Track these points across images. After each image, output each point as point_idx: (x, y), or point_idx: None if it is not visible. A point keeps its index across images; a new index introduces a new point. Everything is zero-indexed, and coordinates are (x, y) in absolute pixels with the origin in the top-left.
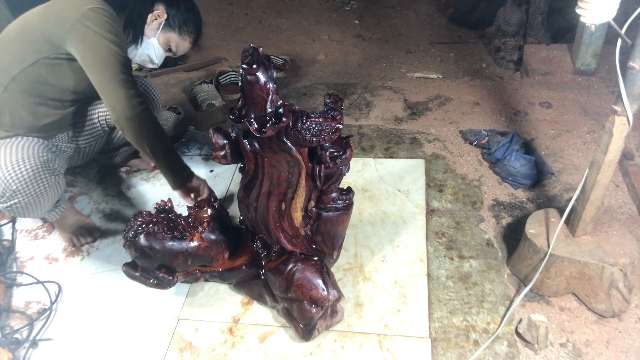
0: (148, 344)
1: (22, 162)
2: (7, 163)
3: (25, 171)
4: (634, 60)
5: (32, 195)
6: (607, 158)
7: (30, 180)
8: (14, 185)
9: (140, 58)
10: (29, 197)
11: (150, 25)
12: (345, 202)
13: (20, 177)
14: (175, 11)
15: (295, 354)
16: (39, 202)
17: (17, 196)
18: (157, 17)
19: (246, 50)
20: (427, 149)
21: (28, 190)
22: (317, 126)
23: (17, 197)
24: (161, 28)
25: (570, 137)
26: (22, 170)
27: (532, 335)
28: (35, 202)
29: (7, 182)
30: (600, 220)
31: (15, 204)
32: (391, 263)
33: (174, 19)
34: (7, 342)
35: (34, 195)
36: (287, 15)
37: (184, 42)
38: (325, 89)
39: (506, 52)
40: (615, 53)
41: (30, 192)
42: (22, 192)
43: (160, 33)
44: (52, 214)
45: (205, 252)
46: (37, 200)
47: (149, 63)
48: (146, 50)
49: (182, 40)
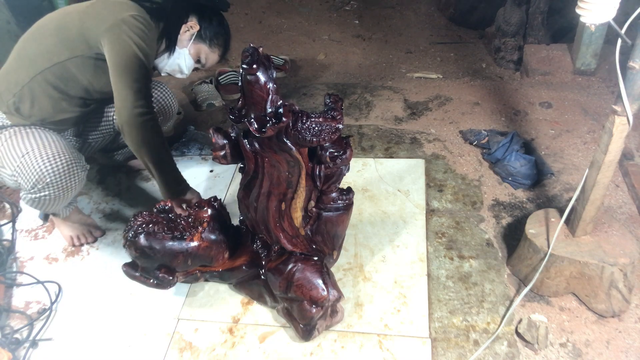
0: (148, 344)
1: (58, 156)
2: (43, 155)
3: (61, 165)
4: (634, 60)
5: (63, 189)
6: (607, 158)
7: (65, 174)
8: (49, 177)
9: (170, 67)
10: (59, 191)
11: (183, 35)
12: (345, 202)
13: (55, 170)
14: (207, 24)
15: (295, 354)
16: (65, 196)
17: (49, 188)
18: (190, 29)
19: (246, 50)
20: (427, 149)
21: (60, 184)
22: (317, 126)
23: (49, 190)
24: (193, 39)
25: (570, 137)
26: (57, 163)
27: (532, 335)
28: (63, 195)
29: (42, 174)
30: (600, 220)
31: (45, 196)
32: (391, 263)
33: (205, 31)
34: (7, 342)
35: (64, 189)
36: (287, 15)
37: (214, 54)
38: (325, 89)
39: (506, 52)
40: (615, 53)
41: (62, 185)
42: (54, 185)
43: (191, 44)
44: (66, 209)
45: (205, 252)
46: (65, 194)
47: (178, 73)
48: (177, 59)
49: (212, 52)
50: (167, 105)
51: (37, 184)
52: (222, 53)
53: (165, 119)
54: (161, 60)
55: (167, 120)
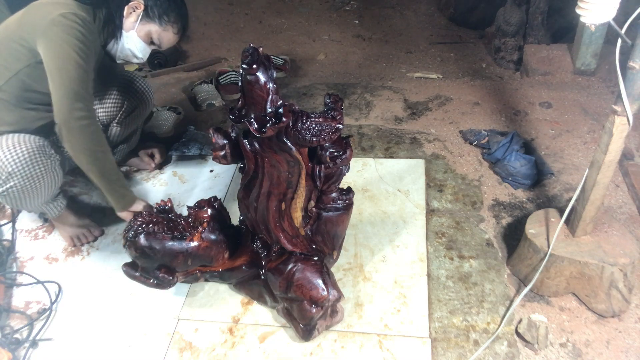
0: (148, 344)
1: (18, 145)
2: (3, 146)
3: (22, 153)
4: (634, 60)
5: (28, 177)
6: (607, 158)
7: (27, 161)
8: (10, 167)
9: (122, 53)
10: (25, 180)
11: (128, 18)
12: (345, 202)
13: (16, 159)
14: (153, 2)
15: (295, 354)
16: (35, 187)
17: (13, 178)
18: (135, 9)
19: (246, 50)
20: (427, 149)
21: (24, 173)
22: (317, 126)
23: (13, 180)
24: (139, 20)
25: (570, 137)
26: (17, 152)
27: (532, 335)
28: (31, 186)
29: (2, 163)
30: (600, 220)
31: (11, 187)
32: (391, 263)
33: (152, 9)
34: (7, 342)
35: (30, 178)
36: (287, 15)
37: (167, 33)
38: (325, 89)
39: (506, 52)
40: (615, 53)
41: (26, 174)
42: (18, 174)
43: (139, 25)
44: (51, 208)
45: (205, 252)
46: (33, 184)
47: (133, 58)
48: (127, 44)
49: (165, 31)
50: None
51: (1, 176)
52: (179, 30)
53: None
54: (111, 47)
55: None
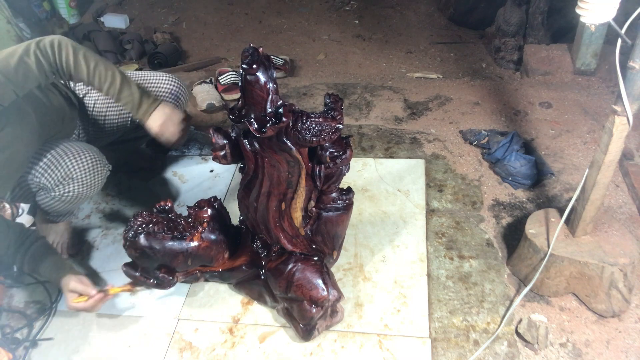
0: (148, 344)
1: (83, 153)
2: (68, 152)
3: (87, 161)
4: (634, 60)
5: (87, 185)
6: (607, 158)
7: (90, 169)
8: (75, 173)
9: None
10: (84, 187)
11: None
12: (345, 202)
13: (81, 166)
14: None
15: (295, 354)
16: (87, 194)
17: (73, 183)
18: None
19: (246, 50)
20: (427, 149)
21: (85, 180)
22: (317, 126)
23: (73, 185)
24: None
25: (570, 137)
26: (82, 159)
27: (532, 335)
28: (86, 193)
29: (68, 169)
30: (600, 220)
31: (68, 192)
32: (391, 263)
33: None
34: (7, 342)
35: (88, 186)
36: (287, 15)
37: None
38: (325, 89)
39: (506, 52)
40: (615, 53)
41: (86, 182)
42: (79, 181)
43: None
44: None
45: (205, 252)
46: (87, 191)
47: None
48: None
49: None
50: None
51: (63, 180)
52: None
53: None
54: None
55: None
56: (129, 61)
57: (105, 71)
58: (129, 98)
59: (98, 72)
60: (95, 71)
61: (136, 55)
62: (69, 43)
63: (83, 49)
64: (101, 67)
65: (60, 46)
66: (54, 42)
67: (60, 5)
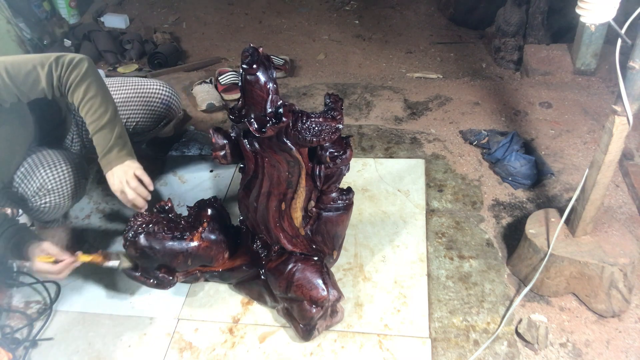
0: (148, 344)
1: (59, 163)
2: (44, 162)
3: (62, 171)
4: (634, 60)
5: (64, 196)
6: (607, 158)
7: (65, 181)
8: (50, 184)
9: None
10: (60, 198)
11: None
12: (345, 202)
13: (56, 177)
14: None
15: (295, 354)
16: (66, 205)
17: (50, 195)
18: None
19: (246, 50)
20: (427, 149)
21: (61, 192)
22: (317, 126)
23: (50, 196)
24: None
25: (570, 137)
26: (57, 170)
27: (532, 335)
28: (63, 203)
29: (43, 180)
30: (600, 220)
31: (46, 203)
32: (391, 263)
33: None
34: (7, 342)
35: (65, 197)
36: (287, 15)
37: None
38: (325, 89)
39: (506, 52)
40: (615, 53)
41: (62, 193)
42: (55, 192)
43: None
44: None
45: (205, 252)
46: (66, 202)
47: None
48: None
49: None
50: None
51: (39, 192)
52: None
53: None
54: None
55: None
56: (129, 61)
57: (98, 107)
58: (103, 142)
59: (90, 104)
60: (88, 102)
61: (136, 55)
62: (85, 68)
63: (92, 77)
64: (97, 101)
65: (75, 66)
66: (73, 60)
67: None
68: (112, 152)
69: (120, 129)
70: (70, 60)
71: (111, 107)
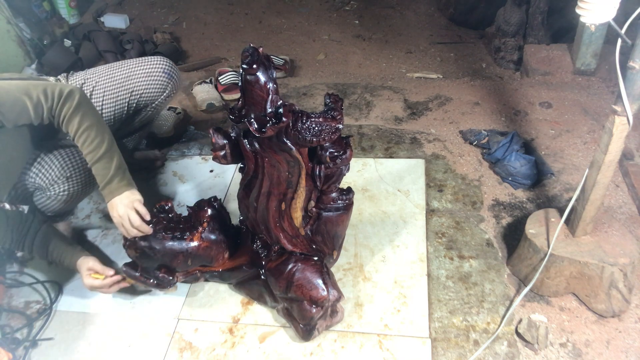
0: (148, 344)
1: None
2: (62, 152)
3: (79, 159)
4: (634, 60)
5: (82, 184)
6: (607, 158)
7: (84, 168)
8: (69, 171)
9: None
10: (79, 186)
11: None
12: (345, 202)
13: (74, 163)
14: None
15: (295, 354)
16: (84, 193)
17: (68, 182)
18: None
19: (246, 50)
20: (427, 149)
21: (80, 179)
22: (317, 126)
23: (68, 183)
24: None
25: (570, 137)
26: (76, 157)
27: (532, 335)
28: (82, 191)
29: (62, 169)
30: (600, 220)
31: (64, 191)
32: (391, 263)
33: None
34: (7, 342)
35: (83, 185)
36: (287, 15)
37: None
38: (325, 89)
39: (506, 52)
40: (615, 53)
41: (81, 180)
42: (74, 180)
43: None
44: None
45: (205, 252)
46: (84, 189)
47: None
48: None
49: None
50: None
51: (57, 180)
52: None
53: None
54: None
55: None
56: None
57: (94, 137)
58: (103, 172)
59: (86, 135)
60: (84, 133)
61: (136, 55)
62: (77, 99)
63: (86, 108)
64: (93, 132)
65: (67, 98)
66: (63, 92)
67: (60, 5)
68: (113, 182)
69: (119, 159)
70: (61, 92)
71: (107, 137)
